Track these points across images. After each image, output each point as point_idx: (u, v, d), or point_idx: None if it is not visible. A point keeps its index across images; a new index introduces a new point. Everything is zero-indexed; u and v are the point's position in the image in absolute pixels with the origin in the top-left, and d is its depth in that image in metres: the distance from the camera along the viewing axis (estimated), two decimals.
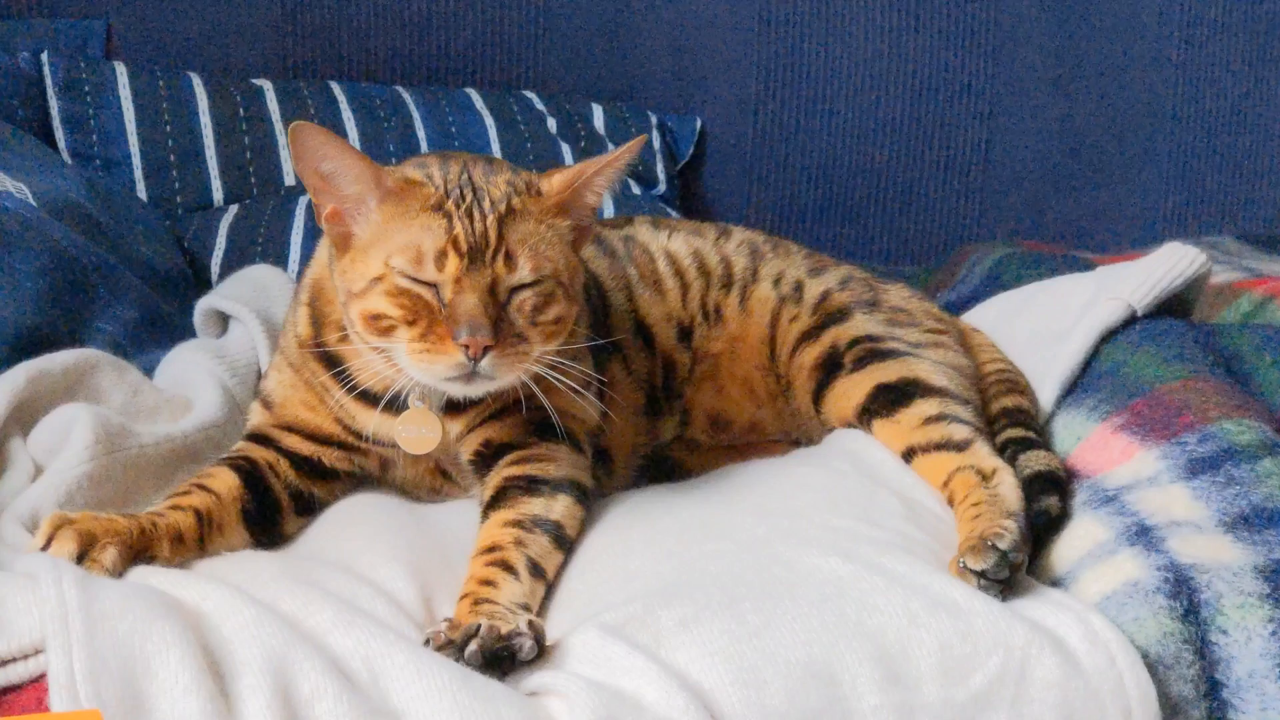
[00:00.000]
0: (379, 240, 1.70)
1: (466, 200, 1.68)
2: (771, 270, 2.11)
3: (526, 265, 1.68)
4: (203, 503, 1.73)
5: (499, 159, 1.81)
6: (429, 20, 3.36)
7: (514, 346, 1.67)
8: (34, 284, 2.11)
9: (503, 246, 1.67)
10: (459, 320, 1.63)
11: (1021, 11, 3.65)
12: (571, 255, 1.76)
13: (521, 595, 1.61)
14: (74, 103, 2.96)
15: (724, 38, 3.53)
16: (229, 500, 1.76)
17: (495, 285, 1.66)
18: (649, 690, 1.42)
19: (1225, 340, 2.03)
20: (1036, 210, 3.73)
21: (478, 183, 1.71)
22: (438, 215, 1.68)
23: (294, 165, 1.72)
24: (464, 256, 1.65)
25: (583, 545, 1.75)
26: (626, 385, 2.02)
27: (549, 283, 1.70)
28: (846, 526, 1.70)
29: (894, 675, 1.48)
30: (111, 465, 1.81)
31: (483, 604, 1.57)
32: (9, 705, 1.37)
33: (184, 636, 1.38)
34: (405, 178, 1.71)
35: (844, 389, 1.98)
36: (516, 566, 1.64)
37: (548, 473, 1.78)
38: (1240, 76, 3.77)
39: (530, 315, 1.69)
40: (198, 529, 1.71)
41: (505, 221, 1.68)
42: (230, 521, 1.76)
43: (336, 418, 1.84)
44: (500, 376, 1.68)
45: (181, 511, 1.70)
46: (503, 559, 1.65)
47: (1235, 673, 1.55)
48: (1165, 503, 1.71)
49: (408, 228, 1.68)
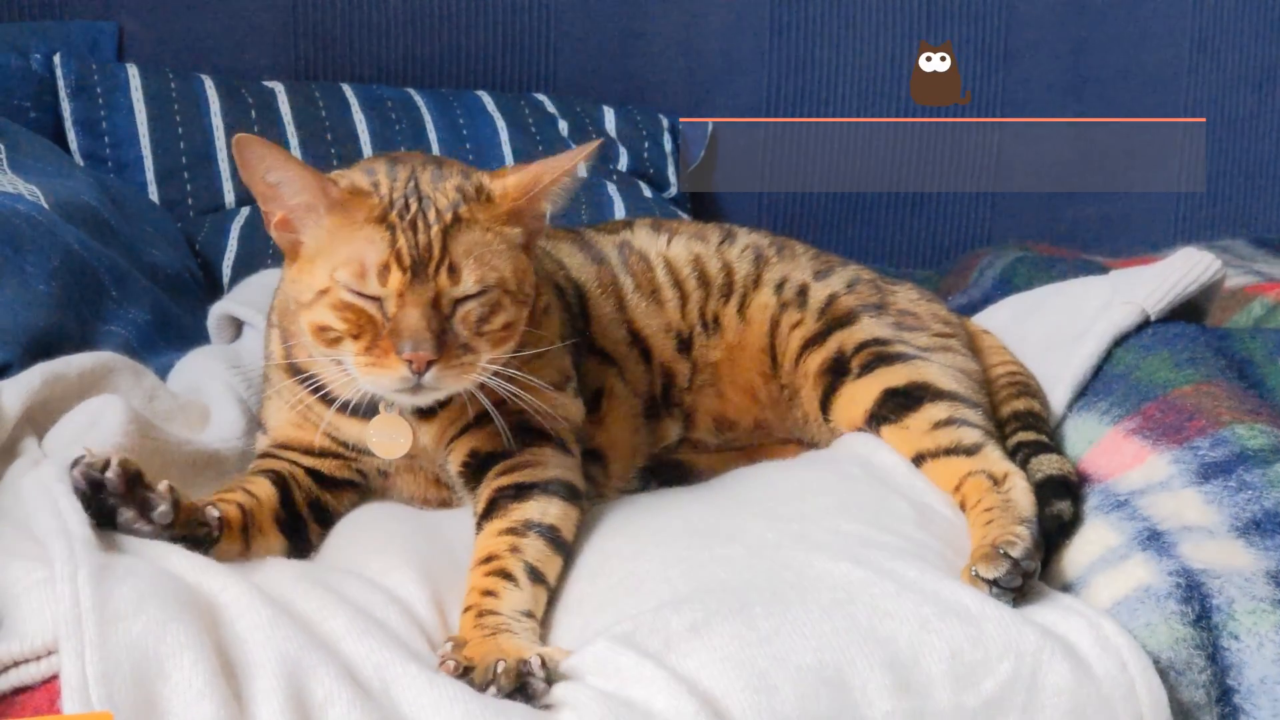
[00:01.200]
0: (325, 251, 1.70)
1: (411, 211, 1.67)
2: (775, 275, 2.10)
3: (470, 277, 1.67)
4: (246, 501, 1.74)
5: (451, 161, 1.79)
6: (441, 22, 3.36)
7: (459, 358, 1.67)
8: (46, 286, 2.12)
9: (446, 259, 1.66)
10: (402, 335, 1.64)
11: (1034, 16, 3.65)
12: (521, 260, 1.74)
13: (524, 603, 1.62)
14: (86, 105, 2.96)
15: (736, 41, 3.53)
16: (267, 507, 1.78)
17: (439, 298, 1.66)
18: (659, 698, 1.42)
19: (1237, 345, 2.03)
20: (1049, 214, 3.73)
21: (425, 190, 1.70)
22: (381, 227, 1.67)
23: (241, 175, 1.71)
24: (407, 270, 1.65)
25: (591, 548, 1.75)
26: (621, 393, 2.01)
27: (494, 292, 1.69)
28: (857, 531, 1.70)
29: (905, 681, 1.48)
30: (143, 447, 1.80)
31: (487, 616, 1.58)
32: (22, 705, 1.38)
33: (199, 639, 1.38)
34: (351, 187, 1.70)
35: (851, 394, 1.97)
36: (515, 574, 1.65)
37: (537, 477, 1.78)
38: (1253, 83, 3.76)
39: (475, 325, 1.68)
40: (243, 522, 1.72)
41: (450, 232, 1.67)
42: (268, 525, 1.77)
43: (324, 432, 1.85)
44: (446, 388, 1.69)
45: (228, 505, 1.71)
46: (501, 568, 1.65)
47: (1247, 678, 1.55)
48: (1177, 507, 1.70)
49: (352, 240, 1.68)
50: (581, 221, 2.84)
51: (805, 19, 3.55)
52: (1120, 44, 3.70)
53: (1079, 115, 3.67)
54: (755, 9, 3.52)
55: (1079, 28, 3.68)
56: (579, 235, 2.14)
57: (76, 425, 1.84)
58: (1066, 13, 3.67)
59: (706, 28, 3.51)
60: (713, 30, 3.52)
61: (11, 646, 1.39)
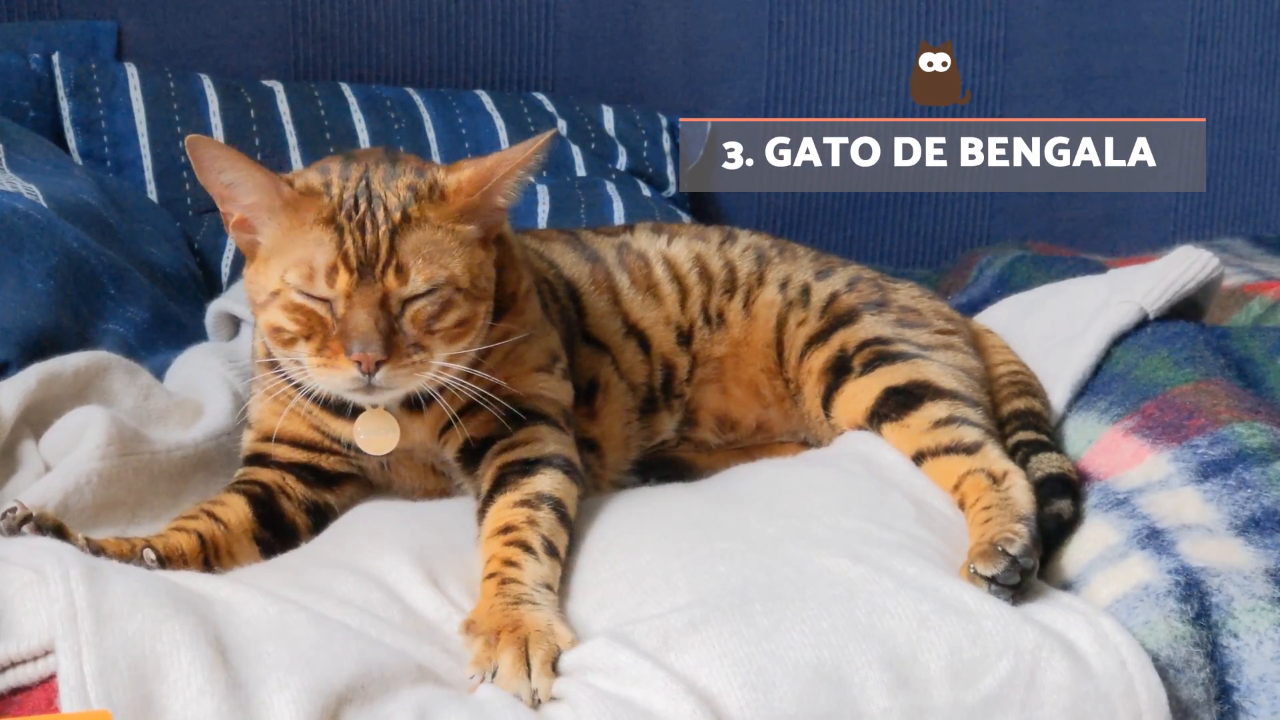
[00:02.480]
0: (277, 252, 1.70)
1: (360, 211, 1.68)
2: (778, 274, 2.11)
3: (419, 276, 1.67)
4: (207, 529, 1.74)
5: (408, 157, 1.79)
6: (440, 22, 3.36)
7: (409, 357, 1.67)
8: (44, 285, 2.12)
9: (393, 259, 1.66)
10: (350, 336, 1.65)
11: (1033, 14, 3.65)
12: (475, 255, 1.74)
13: (544, 575, 1.63)
14: (85, 104, 2.96)
15: (735, 40, 3.53)
16: (239, 530, 1.77)
17: (387, 298, 1.66)
18: (657, 699, 1.42)
19: (1237, 343, 2.03)
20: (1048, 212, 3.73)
21: (375, 190, 1.69)
22: (330, 229, 1.67)
23: (197, 177, 1.71)
24: (354, 271, 1.65)
25: (593, 536, 1.76)
26: (615, 383, 2.02)
27: (445, 290, 1.69)
28: (857, 528, 1.70)
29: (904, 678, 1.48)
30: (123, 467, 1.81)
31: (510, 584, 1.60)
32: (19, 706, 1.37)
33: (195, 635, 1.38)
34: (304, 187, 1.71)
35: (853, 392, 1.97)
36: (534, 546, 1.66)
37: (540, 452, 1.79)
38: (1253, 79, 3.76)
39: (426, 324, 1.69)
40: (200, 552, 1.71)
41: (399, 232, 1.67)
42: (240, 547, 1.76)
43: (311, 425, 1.85)
44: (398, 387, 1.69)
45: (185, 534, 1.71)
46: (520, 539, 1.67)
47: (1246, 676, 1.55)
48: (1176, 506, 1.70)
49: (302, 241, 1.68)
50: (581, 221, 2.85)
51: (804, 18, 3.54)
52: (1120, 41, 3.70)
53: (1079, 112, 3.67)
54: (754, 8, 3.52)
55: (1079, 24, 3.68)
56: (573, 235, 2.14)
57: (67, 433, 1.85)
58: (1066, 9, 3.67)
59: (706, 27, 3.51)
60: (712, 29, 3.51)
61: (9, 647, 1.39)
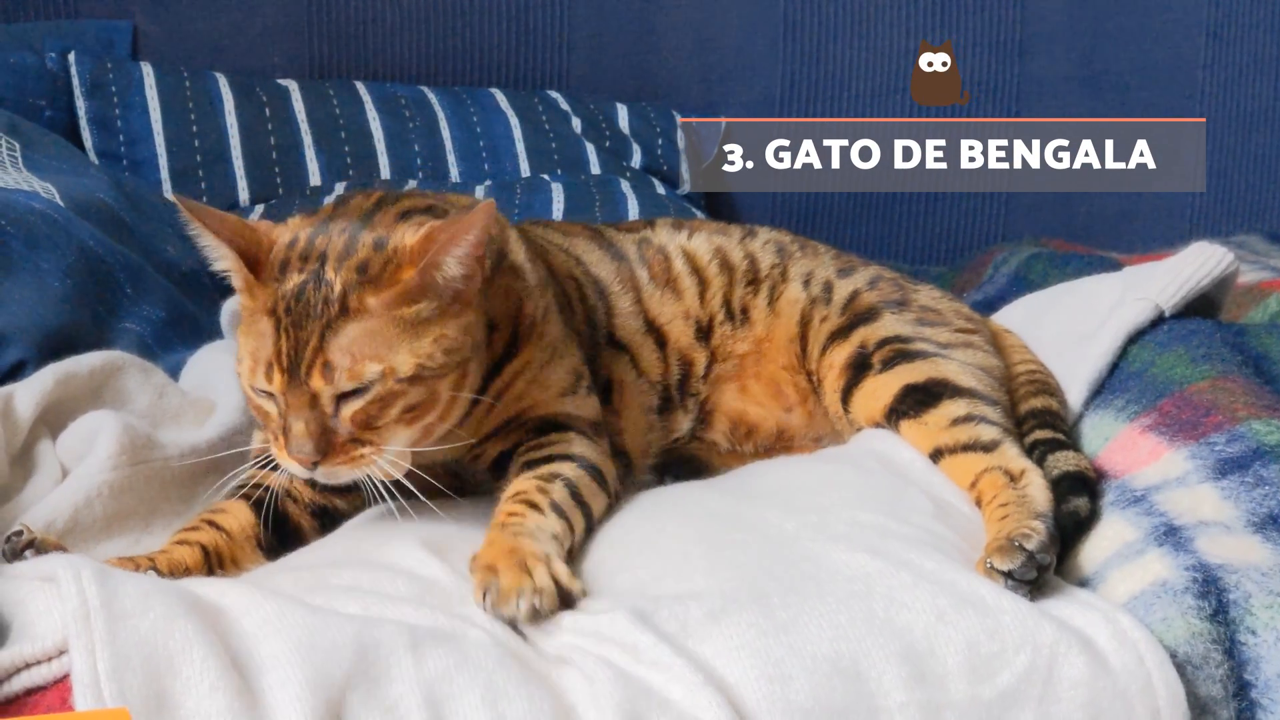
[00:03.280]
0: (242, 329, 1.69)
1: (302, 302, 1.62)
2: (800, 270, 2.10)
3: (343, 376, 1.61)
4: (210, 539, 1.73)
5: (385, 213, 1.71)
6: (454, 20, 3.36)
7: (348, 453, 1.64)
8: (61, 283, 2.12)
9: (320, 357, 1.61)
10: (287, 434, 1.63)
11: (1048, 12, 3.64)
12: (433, 332, 1.66)
13: (549, 526, 1.63)
14: (100, 103, 2.97)
15: (749, 37, 3.53)
16: (242, 537, 1.76)
17: (316, 398, 1.63)
18: (675, 686, 1.42)
19: (1253, 340, 2.02)
20: (1064, 210, 3.72)
21: (326, 274, 1.63)
22: (271, 321, 1.63)
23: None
24: (285, 372, 1.62)
25: (612, 526, 1.76)
26: (634, 385, 2.01)
27: (382, 384, 1.63)
28: (875, 522, 1.70)
29: (921, 672, 1.48)
30: (134, 476, 1.81)
31: (511, 526, 1.61)
32: (34, 706, 1.38)
33: (205, 634, 1.38)
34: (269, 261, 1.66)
35: (872, 389, 1.97)
36: (542, 505, 1.66)
37: (564, 450, 1.79)
38: (1268, 76, 3.75)
39: (365, 421, 1.64)
40: (204, 565, 1.70)
41: (332, 326, 1.61)
42: (245, 555, 1.76)
43: None
44: (342, 478, 1.67)
45: (188, 547, 1.71)
46: (529, 499, 1.67)
47: (1264, 673, 1.54)
48: (1193, 503, 1.70)
49: (255, 330, 1.66)
50: (596, 218, 2.85)
51: (819, 16, 3.54)
52: (1135, 38, 3.69)
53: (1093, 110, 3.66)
54: (769, 6, 3.52)
55: (1093, 21, 3.67)
56: (598, 232, 2.14)
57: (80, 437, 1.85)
58: (1081, 7, 3.66)
59: (720, 25, 3.51)
60: (726, 27, 3.51)
61: (24, 649, 1.39)
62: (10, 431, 1.81)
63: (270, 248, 1.68)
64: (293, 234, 1.69)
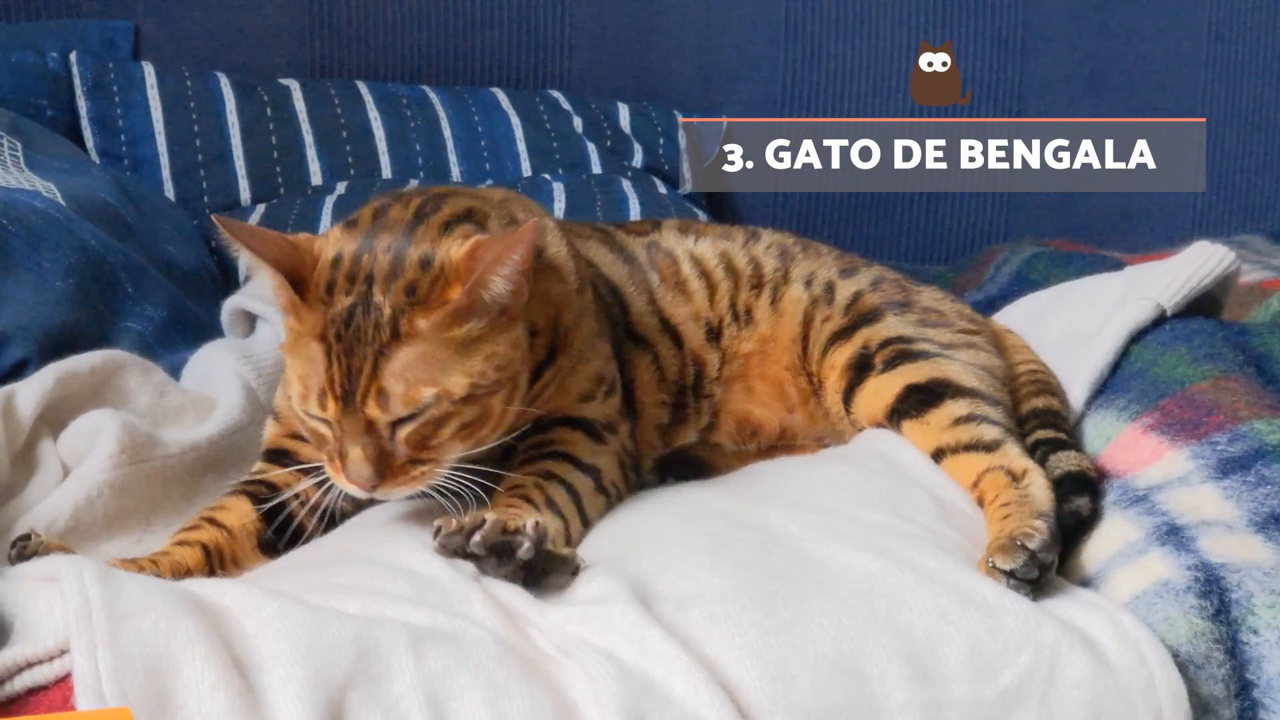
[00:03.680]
0: (290, 350, 1.68)
1: (352, 326, 1.61)
2: (803, 271, 2.11)
3: (399, 402, 1.61)
4: (211, 538, 1.72)
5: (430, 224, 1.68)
6: (456, 19, 3.36)
7: (406, 473, 1.65)
8: (63, 283, 2.12)
9: (375, 384, 1.61)
10: (345, 460, 1.64)
11: (1050, 11, 3.64)
12: (483, 351, 1.66)
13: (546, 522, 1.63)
14: (102, 103, 2.97)
15: (750, 37, 3.53)
16: (243, 535, 1.76)
17: (373, 425, 1.63)
18: (679, 683, 1.42)
19: (1255, 339, 2.02)
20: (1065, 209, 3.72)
21: (375, 296, 1.62)
22: (322, 347, 1.62)
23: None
24: (339, 400, 1.62)
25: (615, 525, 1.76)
26: (654, 387, 2.01)
27: (437, 407, 1.63)
28: (878, 521, 1.70)
29: (923, 672, 1.48)
30: (135, 475, 1.80)
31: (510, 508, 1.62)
32: (35, 706, 1.37)
33: (207, 634, 1.38)
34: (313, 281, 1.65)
35: (874, 389, 1.97)
36: (537, 502, 1.67)
37: (570, 450, 1.79)
38: (1269, 76, 3.75)
39: (420, 443, 1.65)
40: (205, 564, 1.70)
41: (385, 353, 1.61)
42: (246, 553, 1.75)
43: None
44: (401, 495, 1.68)
45: (188, 547, 1.70)
46: (524, 494, 1.68)
47: (1266, 673, 1.54)
48: (1196, 502, 1.70)
49: (304, 354, 1.64)
50: (597, 218, 2.85)
51: (820, 15, 3.54)
52: (1138, 38, 3.69)
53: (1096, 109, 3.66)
54: (770, 6, 3.52)
55: (1093, 21, 3.67)
56: (608, 235, 2.14)
57: (81, 436, 1.85)
58: (1084, 6, 3.66)
59: (721, 24, 3.51)
60: (728, 27, 3.51)
61: (25, 649, 1.39)
62: (11, 430, 1.81)
63: (314, 265, 1.66)
64: (335, 250, 1.67)
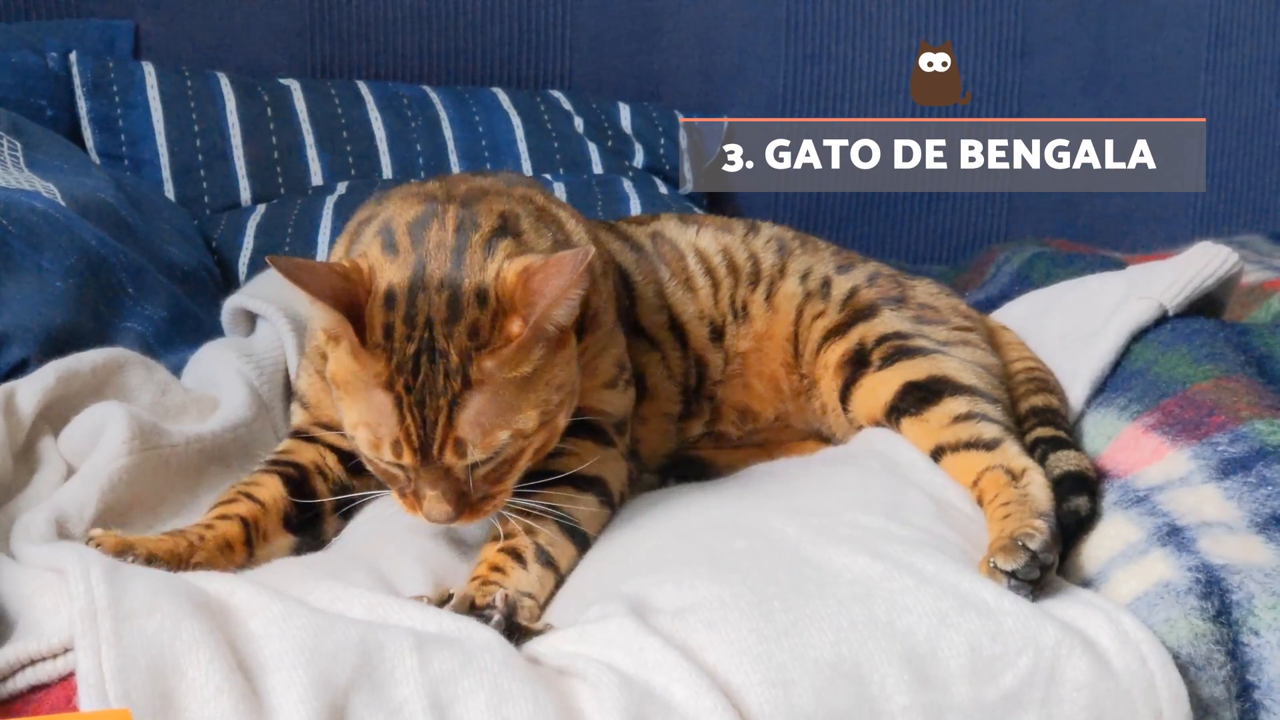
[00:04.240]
0: (348, 392, 1.65)
1: (420, 378, 1.60)
2: (799, 266, 2.11)
3: (476, 449, 1.61)
4: (249, 511, 1.73)
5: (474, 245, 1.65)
6: (456, 19, 3.36)
7: (484, 505, 1.66)
8: (63, 283, 2.12)
9: (451, 434, 1.60)
10: (422, 506, 1.64)
11: (1050, 11, 3.64)
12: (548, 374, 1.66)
13: (528, 584, 1.64)
14: (102, 103, 2.97)
15: (751, 37, 3.53)
16: (274, 510, 1.77)
17: (451, 470, 1.63)
18: (679, 689, 1.42)
19: (1256, 340, 2.02)
20: (1067, 209, 3.72)
21: (438, 341, 1.60)
22: (390, 397, 1.61)
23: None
24: (416, 451, 1.62)
25: (611, 538, 1.76)
26: (664, 390, 2.02)
27: (511, 446, 1.64)
28: (876, 525, 1.69)
29: (923, 676, 1.48)
30: (145, 463, 1.80)
31: (489, 586, 1.61)
32: (38, 703, 1.38)
33: (212, 635, 1.38)
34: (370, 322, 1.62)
35: (871, 386, 1.97)
36: (525, 555, 1.67)
37: (574, 466, 1.78)
38: (1271, 76, 3.75)
39: (496, 478, 1.66)
40: (244, 537, 1.71)
41: (459, 402, 1.60)
42: (274, 530, 1.76)
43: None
44: (477, 523, 1.69)
45: (229, 521, 1.71)
46: (513, 546, 1.67)
47: (1267, 674, 1.54)
48: (1197, 503, 1.69)
49: (367, 399, 1.63)
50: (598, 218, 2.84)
51: (821, 15, 3.54)
52: (1139, 39, 3.69)
53: (1097, 110, 3.66)
54: (771, 6, 3.52)
55: (1093, 22, 3.67)
56: (613, 226, 2.14)
57: (85, 430, 1.84)
58: (1085, 8, 3.66)
59: (722, 24, 3.51)
60: (728, 27, 3.51)
61: (29, 645, 1.39)
62: (13, 428, 1.80)
63: (368, 297, 1.63)
64: (386, 286, 1.63)
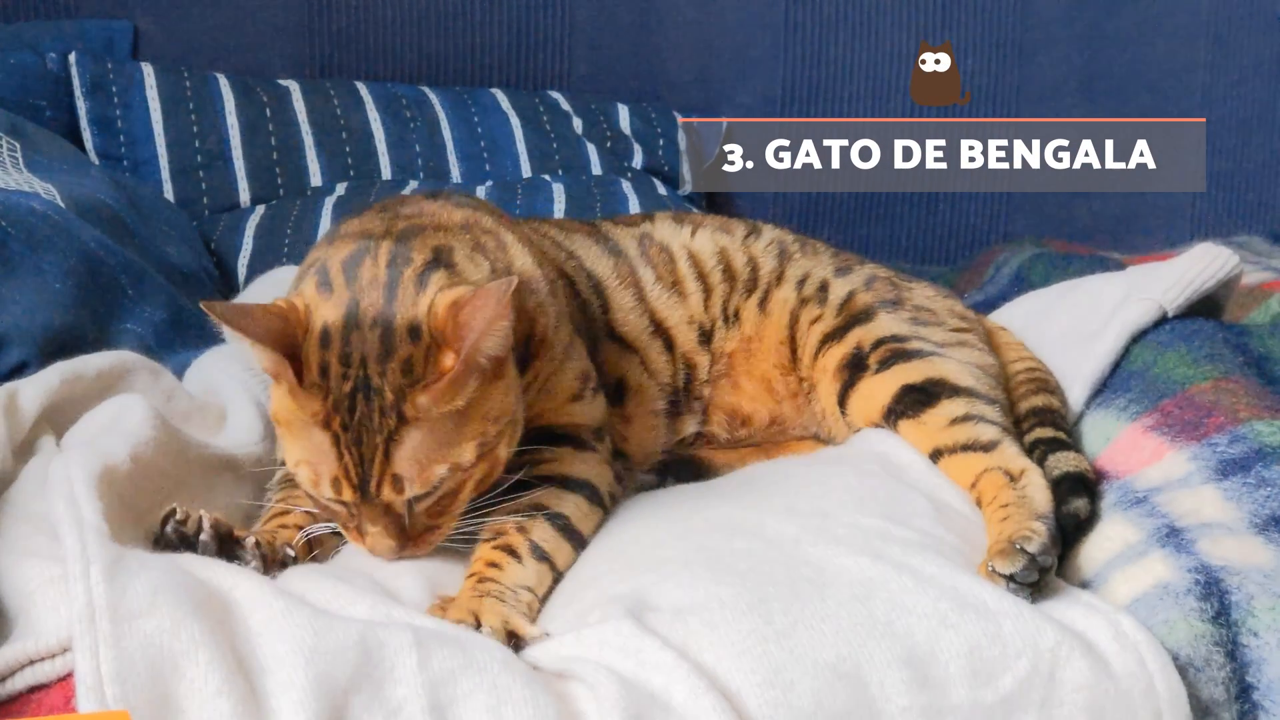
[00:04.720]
0: (289, 429, 1.65)
1: (356, 416, 1.59)
2: (797, 271, 2.11)
3: (414, 485, 1.61)
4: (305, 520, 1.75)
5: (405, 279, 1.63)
6: (455, 20, 3.36)
7: (427, 536, 1.67)
8: (62, 284, 2.12)
9: (388, 471, 1.60)
10: (363, 533, 1.65)
11: (1050, 11, 3.64)
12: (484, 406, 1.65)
13: (526, 579, 1.64)
14: (101, 104, 2.97)
15: (750, 38, 3.53)
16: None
17: (391, 506, 1.63)
18: (678, 690, 1.42)
19: (1255, 341, 2.02)
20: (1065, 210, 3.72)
21: (373, 378, 1.59)
22: (328, 435, 1.60)
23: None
24: (355, 488, 1.61)
25: (609, 536, 1.76)
26: (644, 384, 2.01)
27: (450, 479, 1.64)
28: (875, 526, 1.69)
29: (922, 677, 1.47)
30: (171, 441, 1.79)
31: (486, 583, 1.60)
32: (37, 704, 1.37)
33: (213, 636, 1.37)
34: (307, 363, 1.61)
35: (869, 390, 1.97)
36: (520, 550, 1.66)
37: (552, 471, 1.78)
38: (1269, 77, 3.75)
39: (437, 510, 1.66)
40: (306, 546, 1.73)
41: (394, 440, 1.60)
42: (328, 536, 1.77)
43: None
44: (422, 555, 1.69)
45: (288, 530, 1.73)
46: (507, 543, 1.67)
47: (1266, 675, 1.54)
48: (1196, 504, 1.69)
49: (307, 438, 1.63)
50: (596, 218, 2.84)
51: (820, 16, 3.54)
52: (1136, 40, 3.69)
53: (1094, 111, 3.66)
54: (770, 7, 3.52)
55: (1093, 22, 3.67)
56: (595, 228, 2.13)
57: (98, 424, 1.82)
58: (1082, 9, 3.66)
59: (721, 25, 3.51)
60: (727, 28, 3.52)
61: (27, 645, 1.38)
62: (14, 426, 1.79)
63: (304, 336, 1.63)
64: (321, 324, 1.62)
